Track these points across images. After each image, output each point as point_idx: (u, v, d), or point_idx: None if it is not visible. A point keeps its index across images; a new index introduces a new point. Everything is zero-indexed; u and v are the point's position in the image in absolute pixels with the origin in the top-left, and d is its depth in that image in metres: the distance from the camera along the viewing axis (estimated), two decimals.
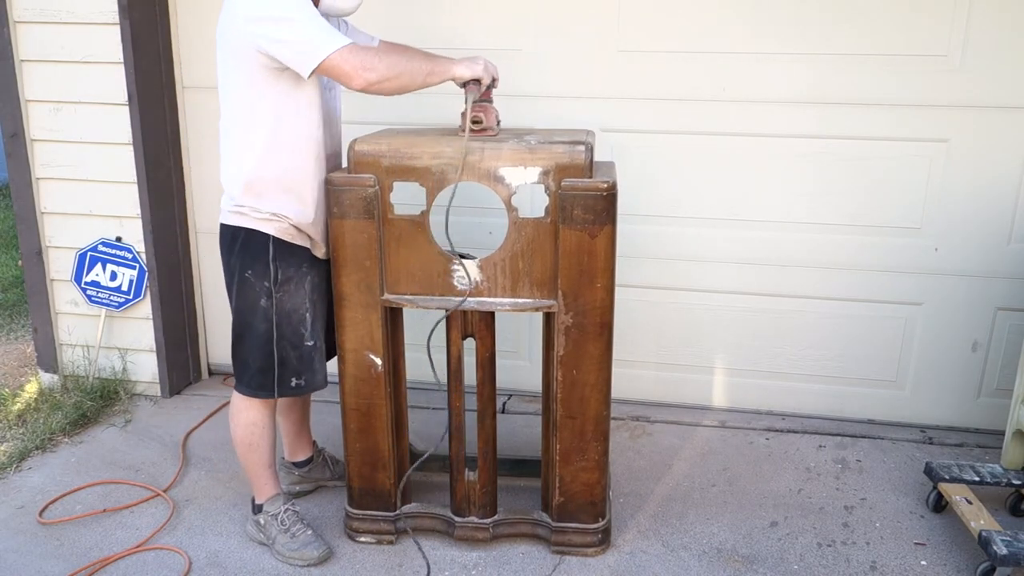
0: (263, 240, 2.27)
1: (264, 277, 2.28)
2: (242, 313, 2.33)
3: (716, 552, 2.47)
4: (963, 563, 2.41)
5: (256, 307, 2.30)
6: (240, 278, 2.30)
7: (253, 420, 2.41)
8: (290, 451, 2.75)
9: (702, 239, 3.15)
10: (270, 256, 2.27)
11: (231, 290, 2.35)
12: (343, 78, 2.08)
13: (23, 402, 3.39)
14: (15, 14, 3.11)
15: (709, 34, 2.96)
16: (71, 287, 3.39)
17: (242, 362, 2.36)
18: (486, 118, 2.25)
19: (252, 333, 2.32)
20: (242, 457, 2.46)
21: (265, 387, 2.35)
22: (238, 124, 2.22)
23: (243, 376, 2.37)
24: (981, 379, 3.10)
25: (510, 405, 3.37)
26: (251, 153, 2.22)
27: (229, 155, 2.27)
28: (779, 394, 3.27)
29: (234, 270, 2.31)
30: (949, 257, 3.01)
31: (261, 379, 2.34)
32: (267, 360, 2.32)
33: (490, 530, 2.47)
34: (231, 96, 2.20)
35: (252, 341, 2.32)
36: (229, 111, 2.22)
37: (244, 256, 2.28)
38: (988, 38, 2.80)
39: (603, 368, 2.29)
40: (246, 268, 2.29)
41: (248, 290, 2.30)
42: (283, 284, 2.30)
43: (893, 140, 2.94)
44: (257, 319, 2.31)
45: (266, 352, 2.32)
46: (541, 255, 2.23)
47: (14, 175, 3.30)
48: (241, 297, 2.31)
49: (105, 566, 2.42)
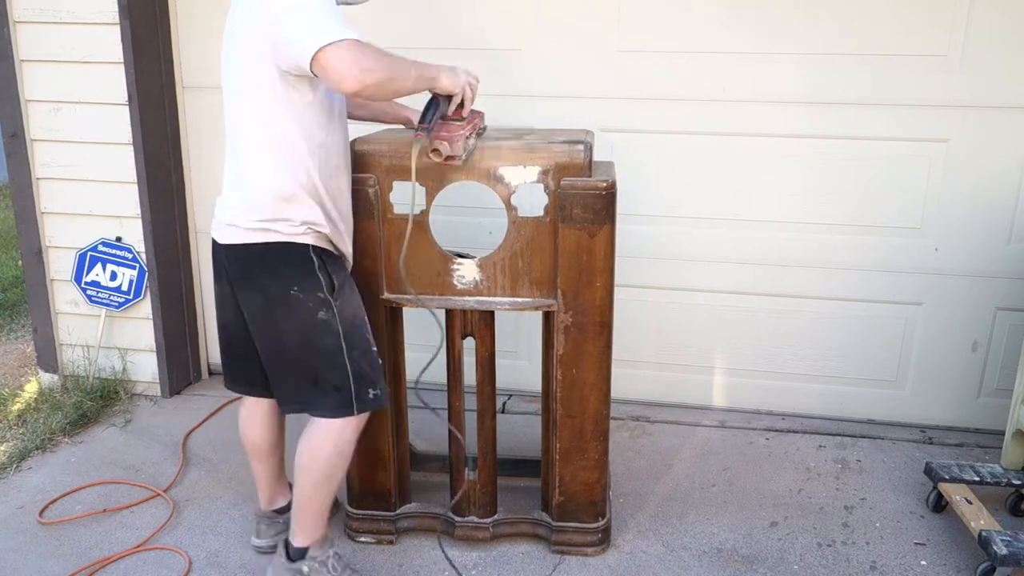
0: (303, 251, 2.05)
1: (316, 289, 2.06)
2: (296, 334, 2.08)
3: (716, 552, 2.47)
4: (963, 563, 2.41)
5: (314, 322, 2.07)
6: (284, 298, 2.06)
7: (342, 449, 2.15)
8: (269, 498, 2.47)
9: (702, 239, 3.15)
10: (316, 266, 2.06)
11: (268, 314, 2.09)
12: (336, 76, 1.81)
13: (23, 402, 3.39)
14: (15, 14, 3.11)
15: (709, 34, 2.96)
16: (71, 287, 3.39)
17: (311, 385, 2.12)
18: (450, 146, 2.05)
19: (317, 351, 2.09)
20: (312, 491, 2.17)
21: (343, 405, 2.12)
22: (267, 133, 2.00)
23: (318, 400, 2.13)
24: (981, 379, 3.10)
25: (510, 405, 3.37)
26: (284, 163, 2.01)
27: (253, 166, 2.04)
28: (779, 394, 3.27)
29: (271, 291, 2.06)
30: (949, 257, 3.01)
31: (339, 397, 2.11)
32: (339, 376, 2.10)
33: (490, 530, 2.47)
34: (253, 102, 2.00)
35: (320, 359, 2.09)
36: (252, 118, 2.02)
37: (284, 273, 2.05)
38: (988, 38, 2.80)
39: (602, 367, 2.30)
40: (290, 285, 2.05)
41: (299, 308, 2.06)
42: (339, 291, 2.10)
43: (893, 140, 2.94)
44: (319, 336, 2.08)
45: (338, 366, 2.10)
46: (540, 254, 2.23)
47: (14, 175, 3.30)
48: (290, 318, 2.07)
49: (105, 566, 2.42)
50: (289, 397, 2.17)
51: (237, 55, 2.02)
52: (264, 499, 2.47)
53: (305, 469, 2.15)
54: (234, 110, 2.07)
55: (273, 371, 2.17)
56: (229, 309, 2.22)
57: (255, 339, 2.16)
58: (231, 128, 2.10)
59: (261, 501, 2.47)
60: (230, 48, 2.05)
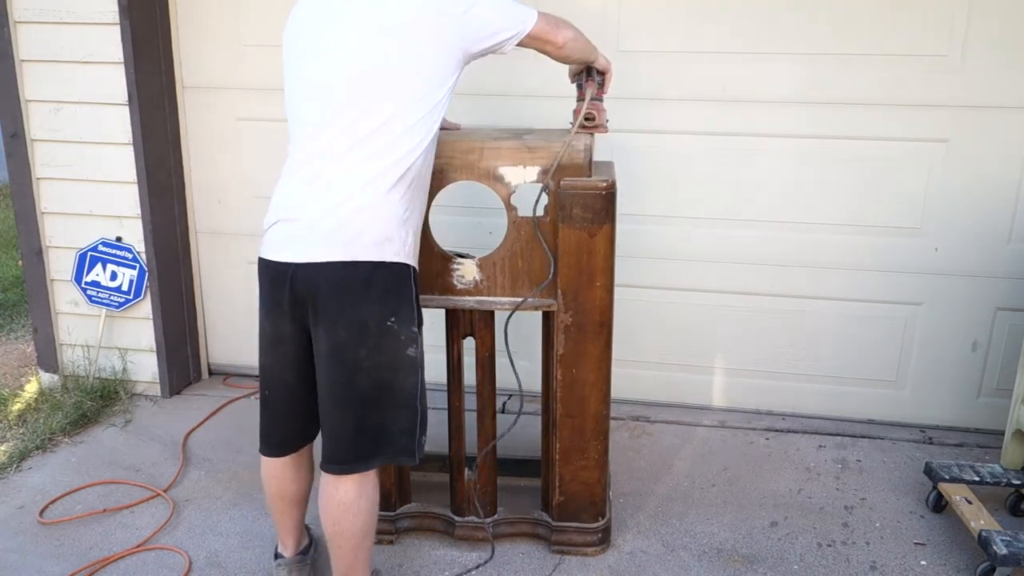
0: (405, 274, 1.89)
1: (411, 321, 1.90)
2: (380, 370, 1.88)
3: (716, 552, 2.47)
4: (963, 563, 2.41)
5: (402, 359, 1.90)
6: (381, 329, 1.86)
7: (375, 498, 2.00)
8: (297, 542, 2.25)
9: (702, 239, 3.15)
10: (413, 294, 1.92)
11: (354, 349, 1.86)
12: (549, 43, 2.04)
13: (23, 402, 3.39)
14: (15, 14, 3.11)
15: (709, 34, 2.96)
16: (71, 287, 3.39)
17: (375, 433, 1.92)
18: (598, 116, 2.27)
19: (396, 391, 1.92)
20: (355, 549, 1.99)
21: (407, 451, 1.95)
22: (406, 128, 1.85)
23: (377, 448, 1.93)
24: (981, 379, 3.10)
25: (510, 405, 3.36)
26: (412, 165, 1.86)
27: (383, 168, 1.83)
28: (779, 394, 3.27)
29: (370, 320, 1.85)
30: (949, 257, 3.01)
31: (403, 443, 1.95)
32: (411, 418, 1.94)
33: (490, 530, 2.47)
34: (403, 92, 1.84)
35: (396, 401, 1.92)
36: (392, 112, 1.83)
37: (387, 300, 1.87)
38: (988, 38, 2.80)
39: (602, 367, 2.30)
40: (389, 315, 1.87)
41: (392, 341, 1.88)
42: (423, 324, 1.96)
43: (893, 140, 2.94)
44: (403, 373, 1.91)
45: (411, 409, 1.94)
46: (540, 254, 2.23)
47: (14, 175, 3.30)
48: (382, 351, 1.87)
49: (105, 566, 2.42)
50: (348, 452, 1.93)
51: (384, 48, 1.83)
52: (294, 544, 2.24)
53: (344, 534, 1.96)
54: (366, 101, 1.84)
55: (337, 419, 1.93)
56: (281, 349, 1.98)
57: (324, 378, 1.92)
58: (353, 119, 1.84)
59: (288, 547, 2.24)
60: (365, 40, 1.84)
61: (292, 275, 1.86)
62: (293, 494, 2.16)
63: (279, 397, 2.05)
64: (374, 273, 1.84)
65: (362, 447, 1.93)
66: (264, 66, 3.21)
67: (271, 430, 2.10)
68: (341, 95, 1.84)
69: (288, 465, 2.13)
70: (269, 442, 2.11)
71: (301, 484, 2.17)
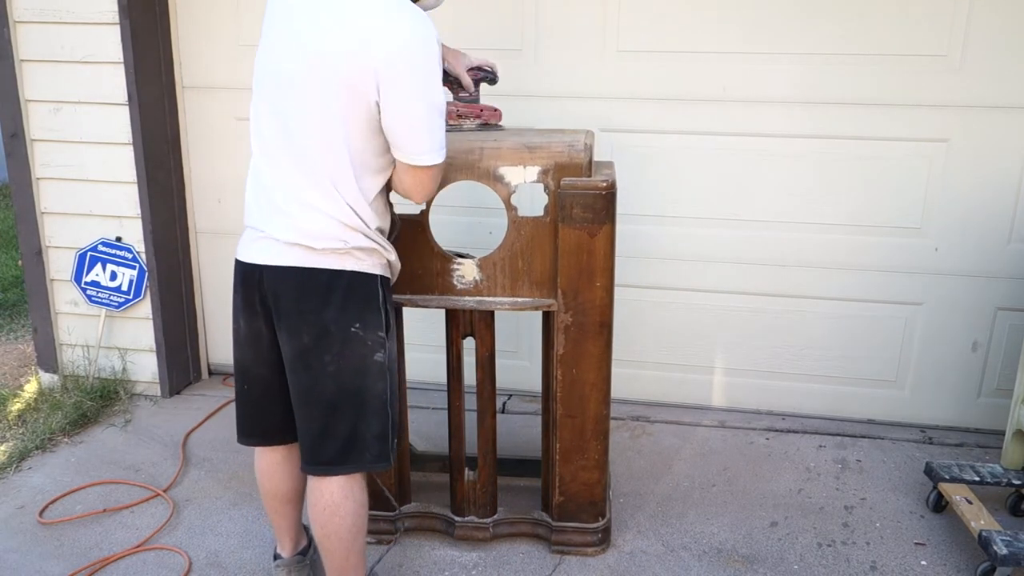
0: (371, 283, 1.93)
1: (376, 327, 1.93)
2: (347, 376, 1.92)
3: (716, 552, 2.47)
4: (963, 563, 2.41)
5: (369, 365, 1.93)
6: (345, 335, 1.89)
7: (362, 500, 2.02)
8: (295, 542, 2.26)
9: (702, 239, 3.15)
10: (380, 299, 1.94)
11: (319, 353, 1.90)
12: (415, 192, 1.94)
13: (23, 402, 3.39)
14: (15, 14, 3.11)
15: (709, 34, 2.96)
16: (71, 287, 3.39)
17: (347, 437, 1.95)
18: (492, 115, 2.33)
19: (364, 397, 1.95)
20: (346, 551, 2.01)
21: (383, 456, 1.99)
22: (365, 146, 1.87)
23: (352, 453, 1.96)
24: (981, 379, 3.10)
25: (510, 405, 3.37)
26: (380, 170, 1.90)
27: (345, 175, 1.85)
28: (779, 394, 3.27)
29: (332, 326, 1.89)
30: (949, 257, 3.01)
31: (379, 447, 1.98)
32: (383, 423, 1.98)
33: (490, 530, 2.47)
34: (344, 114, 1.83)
35: (365, 406, 1.95)
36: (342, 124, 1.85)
37: (350, 307, 1.89)
38: (988, 38, 2.79)
39: (602, 367, 2.30)
40: (353, 321, 1.90)
41: (358, 347, 1.91)
42: (392, 329, 2.00)
43: (893, 140, 2.94)
44: (371, 379, 1.94)
45: (383, 415, 1.97)
46: (541, 254, 2.23)
47: (14, 175, 3.30)
48: (347, 357, 1.91)
49: (105, 566, 2.42)
50: (320, 454, 1.96)
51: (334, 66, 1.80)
52: (291, 545, 2.25)
53: (331, 537, 1.99)
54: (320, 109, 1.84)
55: (307, 421, 1.96)
56: (256, 346, 2.01)
57: (293, 381, 1.96)
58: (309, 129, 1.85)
59: (286, 548, 2.25)
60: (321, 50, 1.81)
61: (260, 276, 1.92)
62: (285, 492, 2.17)
63: (258, 392, 2.07)
64: (336, 279, 1.88)
65: (333, 450, 1.96)
66: None
67: (251, 420, 2.11)
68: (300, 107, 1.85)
69: (279, 462, 2.15)
70: (247, 431, 2.12)
71: (293, 482, 2.17)
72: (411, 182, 1.93)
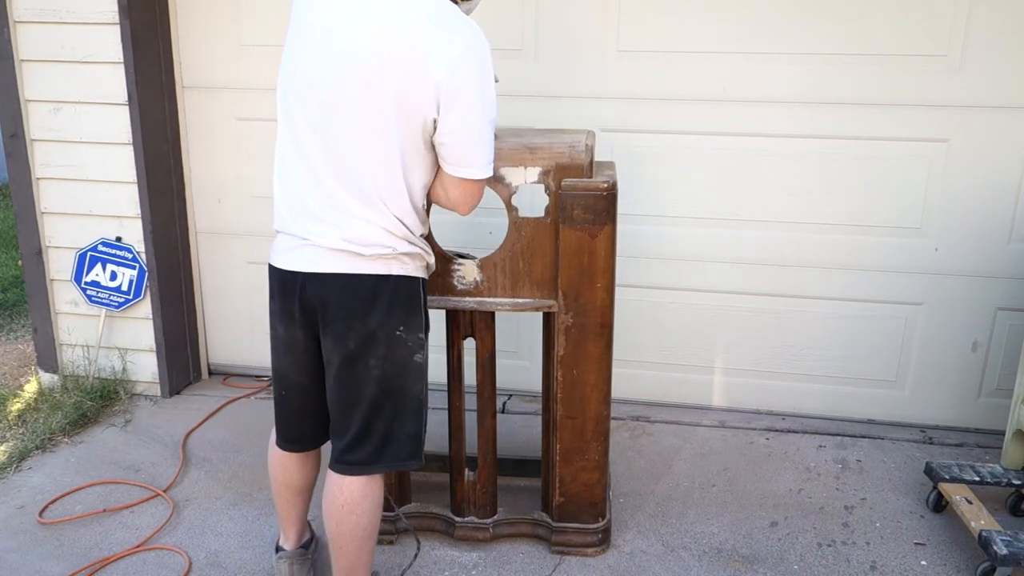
0: (414, 285, 1.94)
1: (418, 329, 1.95)
2: (390, 379, 1.93)
3: (716, 552, 2.47)
4: (963, 563, 2.41)
5: (409, 366, 1.95)
6: (390, 339, 1.91)
7: (379, 499, 2.03)
8: (299, 534, 2.28)
9: (702, 239, 3.15)
10: (422, 301, 1.97)
11: (369, 357, 1.91)
12: (461, 204, 1.95)
13: (23, 402, 3.39)
14: (15, 14, 3.11)
15: (709, 34, 2.96)
16: (71, 287, 3.39)
17: (383, 437, 1.96)
18: None
19: (404, 398, 1.97)
20: (358, 550, 2.01)
21: (415, 455, 2.02)
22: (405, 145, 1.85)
23: (385, 452, 1.97)
24: (981, 379, 3.10)
25: (510, 405, 3.37)
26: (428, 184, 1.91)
27: (395, 192, 1.85)
28: (779, 394, 3.27)
29: (379, 331, 1.89)
30: (949, 257, 3.01)
31: (411, 447, 2.00)
32: (417, 423, 2.00)
33: (490, 530, 2.47)
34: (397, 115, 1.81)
35: (404, 407, 1.97)
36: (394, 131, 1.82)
37: (395, 310, 1.90)
38: (988, 38, 2.80)
39: (603, 368, 2.29)
40: (397, 324, 1.91)
41: (401, 349, 1.93)
42: (429, 330, 2.02)
43: (893, 140, 2.94)
44: (411, 380, 1.97)
45: (418, 414, 2.00)
46: (541, 255, 2.23)
47: (14, 175, 3.30)
48: (392, 360, 1.92)
49: (105, 566, 2.42)
50: (356, 453, 1.97)
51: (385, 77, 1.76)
52: (296, 537, 2.27)
53: (347, 535, 1.99)
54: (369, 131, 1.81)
55: (346, 423, 1.97)
56: (294, 353, 2.01)
57: (334, 387, 1.97)
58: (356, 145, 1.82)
59: (290, 540, 2.27)
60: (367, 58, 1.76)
61: (302, 284, 1.89)
62: (299, 483, 2.19)
63: (296, 400, 2.08)
64: (381, 284, 1.88)
65: (370, 450, 1.97)
66: (264, 66, 3.21)
67: (289, 428, 2.12)
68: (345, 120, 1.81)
69: (297, 457, 2.17)
70: (287, 437, 2.13)
71: (307, 475, 2.20)
72: (459, 195, 1.94)
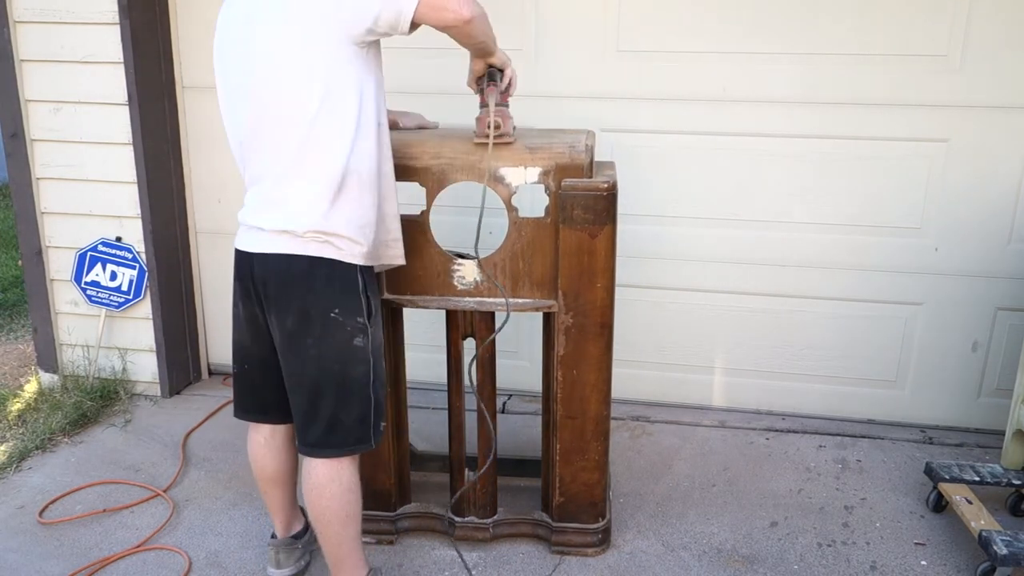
0: (350, 269, 1.97)
1: (355, 313, 1.98)
2: (328, 361, 1.98)
3: (716, 552, 2.47)
4: (963, 563, 2.41)
5: (348, 349, 1.98)
6: (324, 321, 1.95)
7: (350, 484, 2.06)
8: (287, 524, 2.33)
9: (702, 239, 3.15)
10: (360, 287, 1.99)
11: (302, 337, 1.97)
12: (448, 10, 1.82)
13: (23, 402, 3.39)
14: (15, 14, 3.11)
15: (709, 34, 2.96)
16: (71, 287, 3.39)
17: (330, 420, 2.01)
18: (503, 124, 2.13)
19: (345, 381, 2.00)
20: (336, 536, 2.07)
21: (363, 439, 2.05)
22: (334, 111, 1.87)
23: (334, 436, 2.02)
24: (981, 379, 3.10)
25: (510, 405, 3.37)
26: (341, 153, 1.89)
27: (310, 160, 1.89)
28: (779, 394, 3.27)
29: (312, 311, 1.95)
30: (949, 257, 3.01)
31: (359, 431, 2.04)
32: (364, 407, 2.03)
33: (490, 530, 2.47)
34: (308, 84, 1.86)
35: (346, 390, 2.01)
36: (307, 103, 1.86)
37: (329, 292, 1.95)
38: (988, 38, 2.80)
39: (603, 368, 2.29)
40: (332, 307, 1.95)
41: (337, 332, 1.96)
42: (375, 315, 2.03)
43: (893, 140, 2.94)
44: (351, 363, 2.00)
45: (363, 397, 2.03)
46: (541, 255, 2.23)
47: (14, 175, 3.30)
48: (326, 343, 1.96)
49: (105, 566, 2.42)
50: (308, 435, 2.04)
51: (286, 38, 1.86)
52: (281, 526, 2.33)
53: (319, 518, 2.06)
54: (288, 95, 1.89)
55: (296, 404, 2.05)
56: (253, 329, 2.09)
57: (283, 365, 2.04)
58: (279, 118, 1.90)
59: (278, 529, 2.33)
60: (266, 33, 1.87)
61: (251, 263, 2.00)
62: (271, 473, 2.25)
63: (254, 370, 2.15)
64: (316, 266, 1.93)
65: (318, 432, 2.03)
66: None
67: (247, 396, 2.20)
68: (260, 107, 1.93)
69: (263, 444, 2.23)
70: (244, 407, 2.21)
71: (278, 463, 2.25)
72: None
